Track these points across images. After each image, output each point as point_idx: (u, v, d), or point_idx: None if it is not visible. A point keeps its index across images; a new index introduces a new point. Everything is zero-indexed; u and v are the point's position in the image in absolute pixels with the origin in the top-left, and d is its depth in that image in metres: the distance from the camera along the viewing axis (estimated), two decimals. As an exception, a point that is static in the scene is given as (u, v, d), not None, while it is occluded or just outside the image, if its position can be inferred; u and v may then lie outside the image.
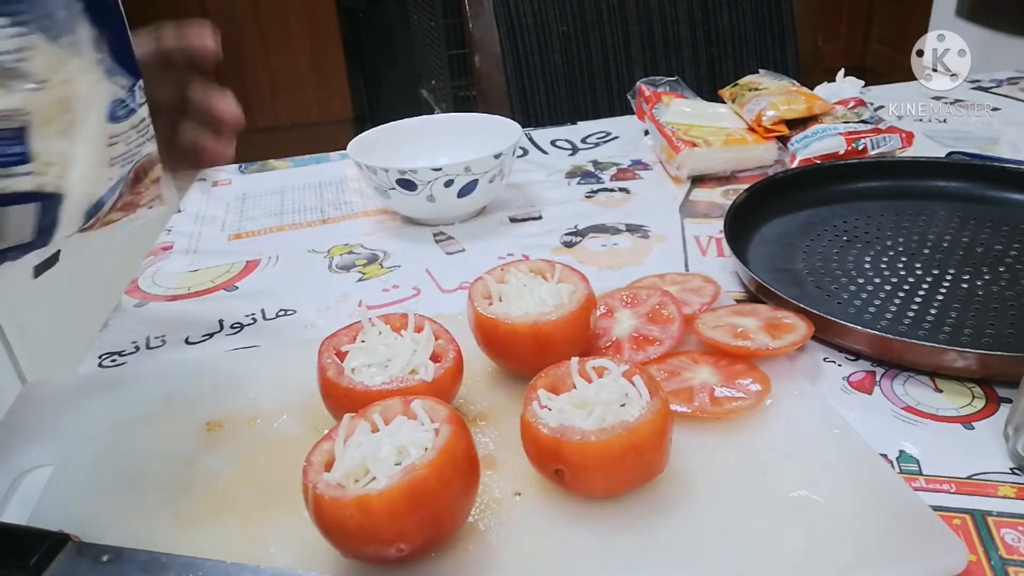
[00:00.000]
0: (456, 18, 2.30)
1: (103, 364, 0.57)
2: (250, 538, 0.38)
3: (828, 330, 0.51)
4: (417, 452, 0.35)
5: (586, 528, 0.37)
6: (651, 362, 0.48)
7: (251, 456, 0.44)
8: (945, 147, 0.84)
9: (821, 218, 0.68)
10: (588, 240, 0.70)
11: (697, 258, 0.66)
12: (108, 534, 0.38)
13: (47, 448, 0.46)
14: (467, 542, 0.37)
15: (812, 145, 0.78)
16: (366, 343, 0.44)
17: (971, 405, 0.46)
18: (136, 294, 0.66)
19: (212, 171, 0.93)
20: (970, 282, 0.57)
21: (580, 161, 0.88)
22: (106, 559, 0.35)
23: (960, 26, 1.92)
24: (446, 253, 0.70)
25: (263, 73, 2.86)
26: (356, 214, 0.79)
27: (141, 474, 0.43)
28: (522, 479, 0.40)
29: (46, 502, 0.41)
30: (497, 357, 0.48)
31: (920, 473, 0.42)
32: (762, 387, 0.45)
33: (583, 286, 0.47)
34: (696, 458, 0.41)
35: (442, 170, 0.68)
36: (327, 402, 0.43)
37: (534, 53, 1.13)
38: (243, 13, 2.75)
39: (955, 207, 0.67)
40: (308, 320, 0.60)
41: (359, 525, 0.33)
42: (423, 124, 0.82)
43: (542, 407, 0.39)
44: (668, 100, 0.87)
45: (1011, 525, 0.38)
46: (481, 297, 0.48)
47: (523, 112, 1.15)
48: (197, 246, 0.75)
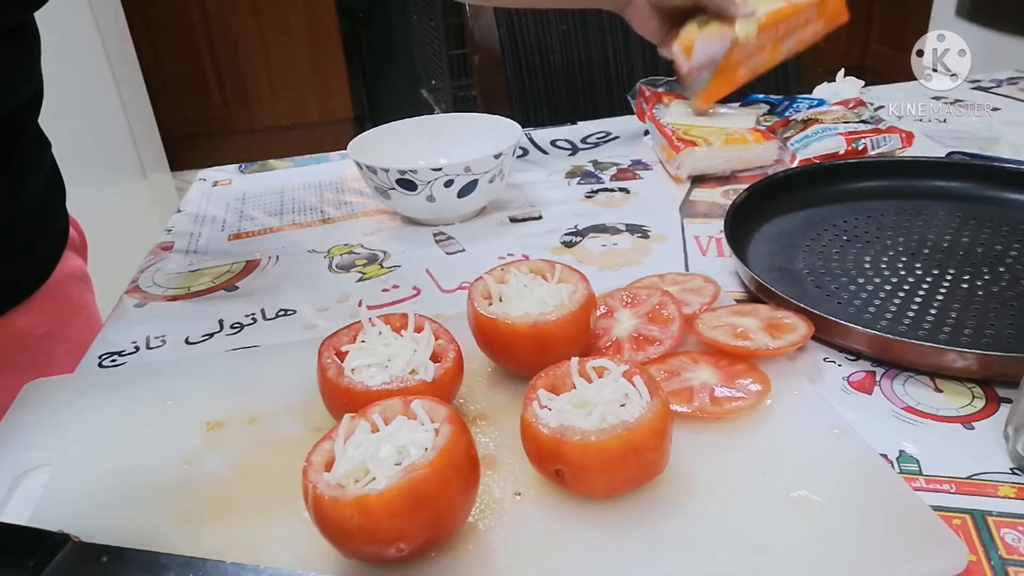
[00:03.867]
0: (456, 18, 2.30)
1: (103, 364, 0.57)
2: (250, 538, 0.38)
3: (828, 330, 0.51)
4: (417, 452, 0.35)
5: (586, 528, 0.37)
6: (651, 362, 0.48)
7: (251, 456, 0.44)
8: (945, 147, 0.84)
9: (821, 218, 0.68)
10: (588, 240, 0.70)
11: (697, 258, 0.66)
12: (108, 534, 0.38)
13: (47, 448, 0.46)
14: (467, 542, 0.37)
15: (812, 145, 0.78)
16: (366, 343, 0.44)
17: (971, 405, 0.46)
18: (136, 294, 0.66)
19: (212, 171, 0.93)
20: (970, 282, 0.57)
21: (580, 161, 0.88)
22: (106, 559, 0.35)
23: (960, 26, 1.92)
24: (446, 253, 0.70)
25: (263, 73, 2.87)
26: (356, 214, 0.79)
27: (141, 474, 0.43)
28: (522, 479, 0.40)
29: (46, 502, 0.41)
30: (497, 357, 0.48)
31: (920, 473, 0.42)
32: (762, 387, 0.45)
33: (583, 286, 0.47)
34: (696, 458, 0.41)
35: (442, 170, 0.68)
36: (327, 402, 0.43)
37: (534, 53, 1.13)
38: (243, 13, 2.75)
39: (955, 207, 0.67)
40: (308, 320, 0.60)
41: (359, 525, 0.33)
42: (423, 124, 0.82)
43: (542, 407, 0.39)
44: (668, 100, 0.87)
45: (1011, 525, 0.38)
46: (481, 297, 0.48)
47: (523, 112, 1.15)
48: (197, 246, 0.75)
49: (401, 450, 0.35)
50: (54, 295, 0.68)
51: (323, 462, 0.35)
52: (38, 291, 0.66)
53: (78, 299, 0.71)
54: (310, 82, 2.91)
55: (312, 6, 2.79)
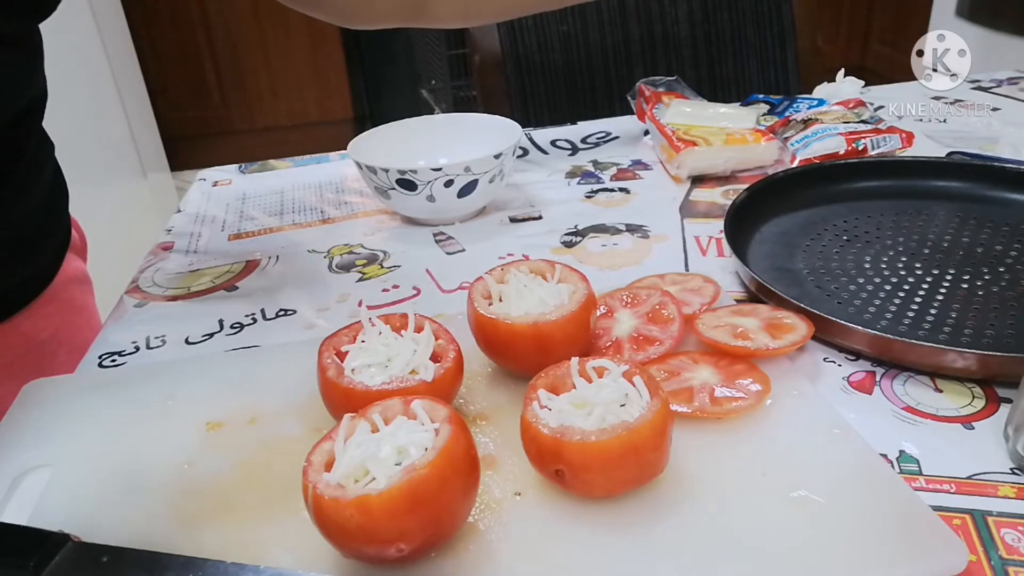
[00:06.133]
0: (456, 18, 2.30)
1: (103, 364, 0.57)
2: (250, 538, 0.38)
3: (828, 330, 0.51)
4: (417, 452, 0.35)
5: (586, 528, 0.37)
6: (651, 362, 0.48)
7: (251, 456, 0.44)
8: (945, 147, 0.84)
9: (821, 218, 0.68)
10: (588, 240, 0.70)
11: (697, 258, 0.66)
12: (108, 534, 0.38)
13: (47, 448, 0.46)
14: (467, 542, 0.37)
15: (812, 145, 0.78)
16: (366, 343, 0.44)
17: (971, 405, 0.46)
18: (136, 294, 0.66)
19: (212, 171, 0.93)
20: (970, 282, 0.57)
21: (580, 161, 0.88)
22: (106, 559, 0.35)
23: (960, 26, 1.92)
24: (446, 253, 0.70)
25: (263, 73, 2.86)
26: (356, 214, 0.79)
27: (141, 474, 0.43)
28: (522, 479, 0.40)
29: (46, 502, 0.41)
30: (497, 357, 0.48)
31: (920, 473, 0.42)
32: (762, 387, 0.45)
33: (583, 286, 0.47)
34: (696, 458, 0.41)
35: (442, 170, 0.68)
36: (327, 402, 0.43)
37: (534, 53, 1.13)
38: (243, 13, 2.75)
39: (955, 207, 0.67)
40: (308, 320, 0.60)
41: (359, 525, 0.33)
42: (423, 124, 0.82)
43: (542, 407, 0.39)
44: (668, 100, 0.87)
45: (1011, 525, 0.38)
46: (481, 297, 0.48)
47: (523, 112, 1.15)
48: (197, 246, 0.75)
49: (401, 450, 0.35)
50: (57, 298, 0.68)
51: (323, 462, 0.35)
52: (42, 294, 0.66)
53: (80, 301, 0.71)
54: (310, 82, 2.91)
55: (312, 6, 2.78)
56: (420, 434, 0.36)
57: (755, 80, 1.18)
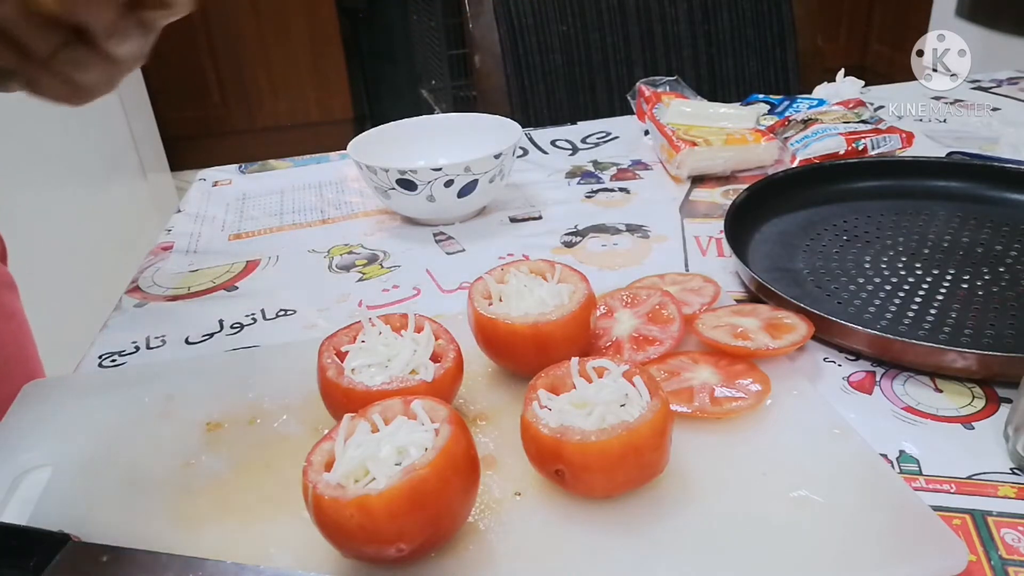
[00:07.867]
0: (456, 18, 2.30)
1: (103, 364, 0.57)
2: (250, 538, 0.38)
3: (828, 330, 0.51)
4: (417, 452, 0.35)
5: (586, 528, 0.37)
6: (651, 362, 0.48)
7: (251, 456, 0.44)
8: (945, 147, 0.84)
9: (821, 218, 0.68)
10: (588, 240, 0.70)
11: (697, 258, 0.66)
12: (108, 534, 0.38)
13: (47, 448, 0.46)
14: (467, 542, 0.37)
15: (812, 145, 0.78)
16: (366, 343, 0.44)
17: (971, 405, 0.46)
18: (136, 294, 0.66)
19: (212, 171, 0.93)
20: (970, 282, 0.57)
21: (580, 161, 0.88)
22: (106, 559, 0.35)
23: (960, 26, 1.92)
24: (446, 253, 0.70)
25: (263, 73, 2.86)
26: (356, 214, 0.79)
27: (141, 474, 0.43)
28: (522, 479, 0.40)
29: (46, 502, 0.41)
30: (497, 357, 0.48)
31: (920, 473, 0.42)
32: (762, 387, 0.45)
33: (583, 286, 0.47)
34: (696, 458, 0.41)
35: (442, 170, 0.68)
36: (327, 402, 0.43)
37: (534, 53, 1.13)
38: (243, 13, 2.75)
39: (955, 207, 0.67)
40: (308, 320, 0.60)
41: (359, 525, 0.33)
42: (423, 124, 0.82)
43: (542, 407, 0.39)
44: (668, 100, 0.87)
45: (1011, 525, 0.38)
46: (481, 297, 0.48)
47: (523, 112, 1.14)
48: (197, 246, 0.75)
49: (401, 450, 0.35)
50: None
51: (323, 462, 0.35)
52: None
53: (8, 307, 0.68)
54: (310, 82, 2.90)
55: (312, 6, 2.79)
56: (420, 434, 0.36)
57: (755, 80, 1.18)
